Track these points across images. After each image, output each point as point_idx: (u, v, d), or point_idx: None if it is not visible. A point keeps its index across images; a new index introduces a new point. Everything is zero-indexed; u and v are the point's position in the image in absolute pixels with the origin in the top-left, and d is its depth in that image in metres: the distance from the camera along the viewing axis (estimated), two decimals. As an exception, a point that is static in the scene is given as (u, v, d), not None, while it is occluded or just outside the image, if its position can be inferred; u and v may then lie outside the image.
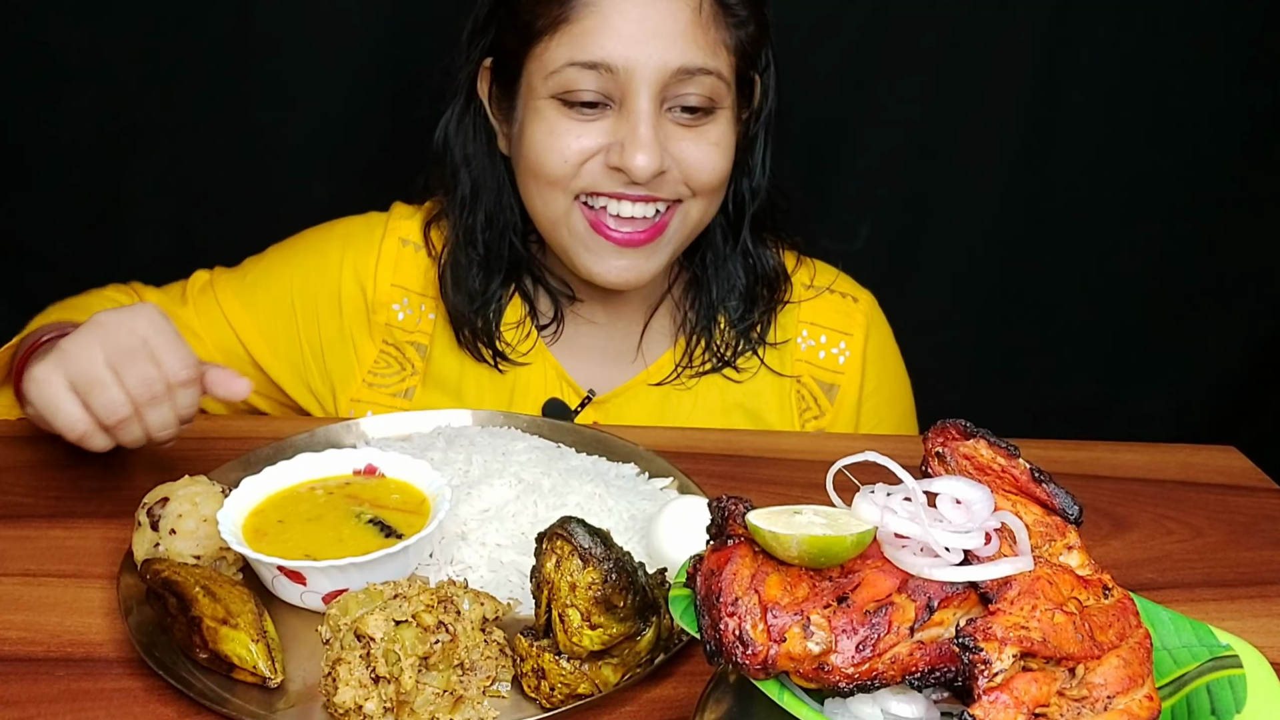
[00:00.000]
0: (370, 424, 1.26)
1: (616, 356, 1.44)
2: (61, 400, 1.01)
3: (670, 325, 1.44)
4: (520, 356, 1.40)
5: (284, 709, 0.85)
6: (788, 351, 1.44)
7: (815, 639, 0.63)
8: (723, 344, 1.41)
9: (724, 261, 1.40)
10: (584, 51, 1.21)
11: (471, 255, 1.37)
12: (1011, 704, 0.61)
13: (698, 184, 1.27)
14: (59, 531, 1.09)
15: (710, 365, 1.41)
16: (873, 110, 1.85)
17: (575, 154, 1.24)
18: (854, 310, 1.46)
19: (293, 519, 1.02)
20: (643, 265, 1.30)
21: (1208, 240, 1.93)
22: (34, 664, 0.90)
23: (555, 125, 1.24)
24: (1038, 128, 1.85)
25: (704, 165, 1.26)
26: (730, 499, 0.71)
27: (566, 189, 1.26)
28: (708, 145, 1.26)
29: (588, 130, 1.24)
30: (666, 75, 1.21)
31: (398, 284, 1.42)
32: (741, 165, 1.36)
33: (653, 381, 1.41)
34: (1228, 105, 1.84)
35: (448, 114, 1.36)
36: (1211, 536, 1.16)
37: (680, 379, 1.41)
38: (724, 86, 1.26)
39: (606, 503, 1.08)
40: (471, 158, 1.36)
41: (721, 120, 1.28)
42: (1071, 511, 0.71)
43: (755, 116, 1.36)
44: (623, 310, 1.43)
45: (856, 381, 1.44)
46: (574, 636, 0.83)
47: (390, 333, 1.42)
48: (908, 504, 0.68)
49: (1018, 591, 0.65)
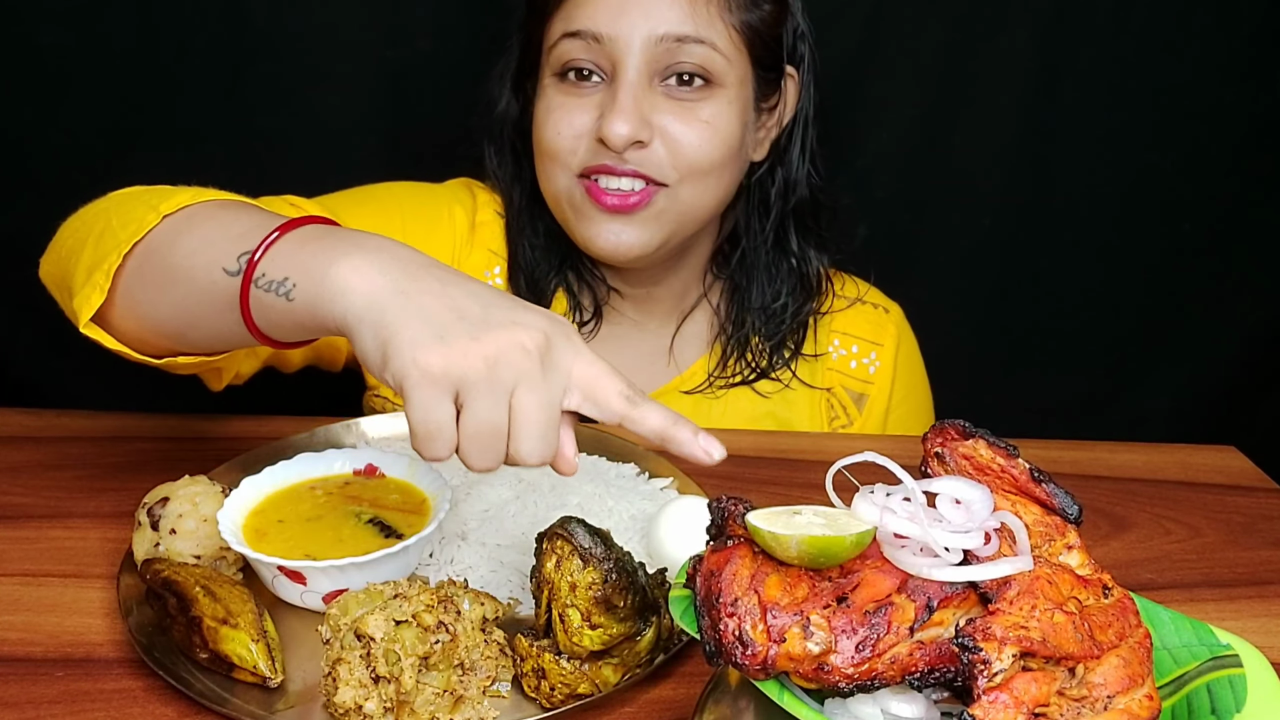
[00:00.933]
0: (370, 424, 1.26)
1: (650, 359, 1.43)
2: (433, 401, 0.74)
3: (706, 331, 1.43)
4: None
5: (284, 709, 0.85)
6: (820, 363, 1.44)
7: (815, 639, 0.63)
8: (758, 354, 1.40)
9: (763, 265, 1.39)
10: (572, 21, 1.23)
11: (531, 241, 1.38)
12: (1011, 704, 0.61)
13: (682, 161, 1.24)
14: (59, 531, 1.09)
15: (741, 377, 1.40)
16: (870, 110, 1.85)
17: (571, 130, 1.25)
18: (885, 321, 1.47)
19: (293, 519, 1.02)
20: (630, 234, 1.27)
21: (1208, 240, 1.93)
22: (34, 664, 0.90)
23: (553, 102, 1.26)
24: (1036, 128, 1.85)
25: (689, 141, 1.23)
26: (730, 499, 0.71)
27: (567, 165, 1.26)
28: (697, 122, 1.23)
29: (582, 105, 1.24)
30: (653, 43, 1.21)
31: (494, 249, 1.41)
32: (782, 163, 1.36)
33: (685, 389, 1.40)
34: (1227, 105, 1.84)
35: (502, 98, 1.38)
36: (1211, 536, 1.16)
37: (712, 388, 1.39)
38: (722, 61, 1.23)
39: (606, 503, 1.08)
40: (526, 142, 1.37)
41: (719, 99, 1.24)
42: (1071, 511, 0.71)
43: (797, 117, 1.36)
44: (654, 311, 1.42)
45: (886, 391, 1.44)
46: (574, 636, 0.83)
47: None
48: (907, 504, 0.68)
49: (1017, 591, 0.65)
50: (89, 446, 1.25)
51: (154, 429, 1.26)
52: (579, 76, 1.24)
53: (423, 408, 0.73)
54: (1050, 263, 1.95)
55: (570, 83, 1.25)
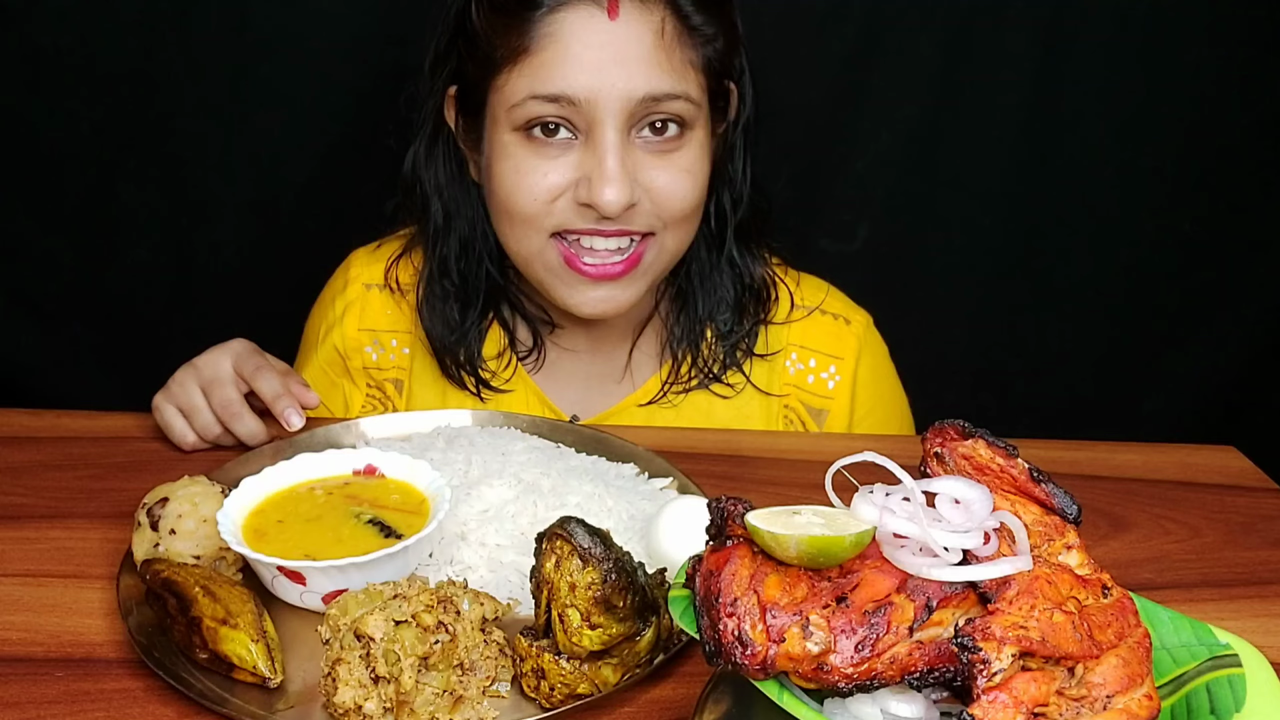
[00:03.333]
0: (370, 424, 1.26)
1: (601, 380, 1.42)
2: (173, 421, 1.23)
3: (657, 345, 1.42)
4: (503, 384, 1.39)
5: (284, 709, 0.85)
6: (776, 371, 1.41)
7: (814, 639, 0.64)
8: (710, 358, 1.38)
9: (710, 274, 1.37)
10: (545, 84, 1.17)
11: (447, 287, 1.35)
12: (1010, 703, 0.61)
13: (669, 213, 1.24)
14: (59, 532, 1.09)
15: (697, 380, 1.38)
16: (870, 110, 1.85)
17: (545, 192, 1.21)
18: (845, 333, 1.42)
19: (292, 519, 1.02)
20: (620, 295, 1.27)
21: (1207, 240, 1.93)
22: (34, 665, 0.90)
23: (522, 163, 1.21)
24: (1036, 129, 1.85)
25: (674, 194, 1.23)
26: (729, 499, 0.71)
27: (540, 227, 1.23)
28: (678, 172, 1.22)
29: (555, 166, 1.20)
30: (632, 104, 1.17)
31: (364, 328, 1.43)
32: (721, 175, 1.32)
33: (641, 402, 1.39)
34: (1227, 105, 1.84)
35: (415, 143, 1.33)
36: (1210, 536, 1.16)
37: (667, 397, 1.38)
38: (694, 108, 1.22)
39: (606, 503, 1.08)
40: (444, 186, 1.33)
41: (692, 144, 1.24)
42: (1070, 511, 0.71)
43: (733, 126, 1.32)
44: (607, 335, 1.40)
45: (846, 407, 1.41)
46: (574, 636, 0.83)
47: (369, 375, 1.43)
48: (906, 504, 0.68)
49: (1016, 591, 0.65)
50: (89, 446, 1.25)
51: (154, 429, 1.26)
52: (545, 131, 1.20)
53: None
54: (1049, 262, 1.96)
55: (538, 140, 1.20)
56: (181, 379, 1.24)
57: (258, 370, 1.22)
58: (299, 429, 1.21)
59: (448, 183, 1.33)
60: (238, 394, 1.22)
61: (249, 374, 1.22)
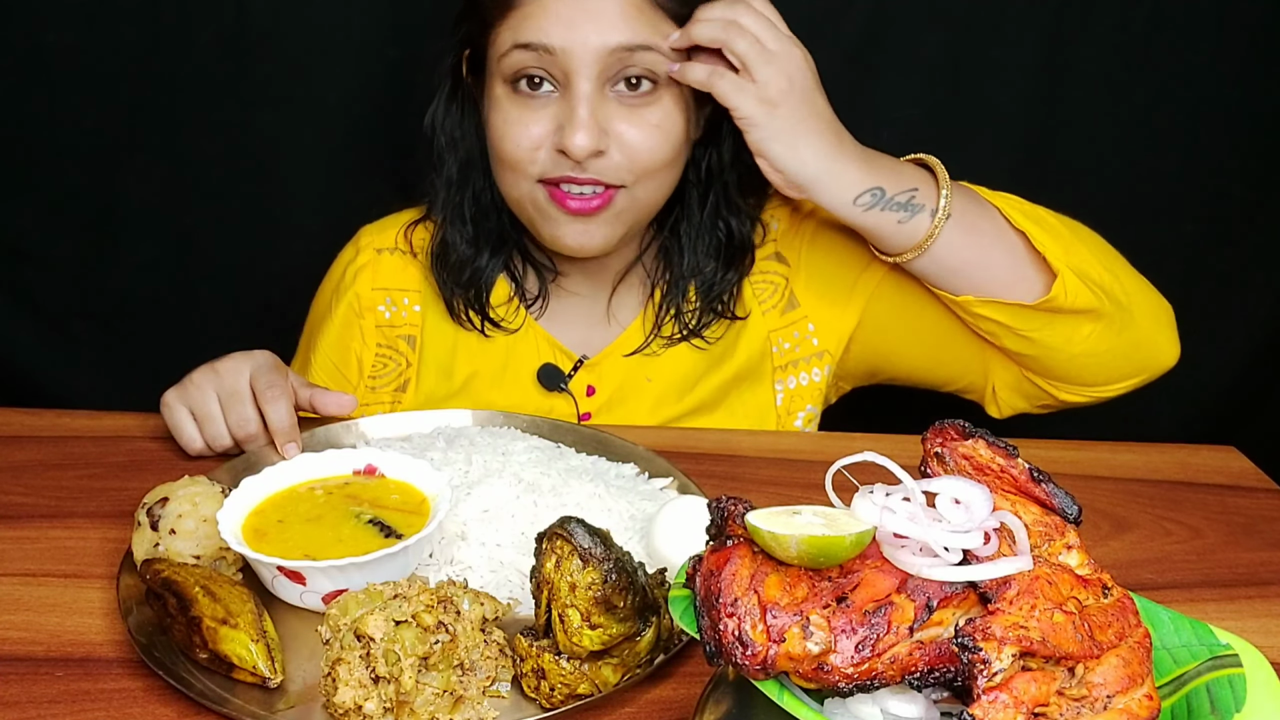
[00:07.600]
0: (370, 424, 1.26)
1: (590, 324, 1.48)
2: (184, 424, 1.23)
3: (639, 291, 1.47)
4: (510, 326, 1.46)
5: (284, 709, 0.86)
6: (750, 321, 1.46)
7: (814, 639, 0.64)
8: (689, 314, 1.44)
9: (698, 230, 1.42)
10: (525, 33, 1.25)
11: (461, 233, 1.42)
12: (1011, 704, 0.61)
13: (639, 166, 1.29)
14: (59, 532, 1.09)
15: (681, 336, 1.44)
16: (871, 110, 1.85)
17: (529, 140, 1.28)
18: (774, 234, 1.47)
19: (292, 519, 1.02)
20: (596, 232, 1.32)
21: (1207, 240, 1.93)
22: (34, 664, 0.90)
23: (509, 114, 1.29)
24: (1037, 128, 1.85)
25: (643, 147, 1.28)
26: (730, 499, 0.71)
27: (526, 174, 1.30)
28: (648, 127, 1.28)
29: (537, 118, 1.27)
30: (605, 55, 1.23)
31: (378, 286, 1.48)
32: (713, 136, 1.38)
33: (625, 352, 1.44)
34: (1228, 105, 1.84)
35: (436, 99, 1.41)
36: (1211, 537, 1.16)
37: (651, 348, 1.44)
38: (666, 63, 1.27)
39: (606, 503, 1.08)
40: (459, 140, 1.41)
41: (665, 100, 1.29)
42: (1070, 511, 0.71)
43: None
44: (603, 278, 1.46)
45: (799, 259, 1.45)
46: (574, 637, 0.83)
47: (382, 333, 1.47)
48: (907, 504, 0.68)
49: (1017, 591, 0.65)
50: (89, 446, 1.25)
51: (154, 429, 1.26)
52: (531, 85, 1.27)
53: None
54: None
55: (524, 92, 1.28)
56: (200, 382, 1.23)
57: (270, 392, 1.21)
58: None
59: (464, 136, 1.41)
60: (255, 413, 1.21)
61: (261, 392, 1.21)
